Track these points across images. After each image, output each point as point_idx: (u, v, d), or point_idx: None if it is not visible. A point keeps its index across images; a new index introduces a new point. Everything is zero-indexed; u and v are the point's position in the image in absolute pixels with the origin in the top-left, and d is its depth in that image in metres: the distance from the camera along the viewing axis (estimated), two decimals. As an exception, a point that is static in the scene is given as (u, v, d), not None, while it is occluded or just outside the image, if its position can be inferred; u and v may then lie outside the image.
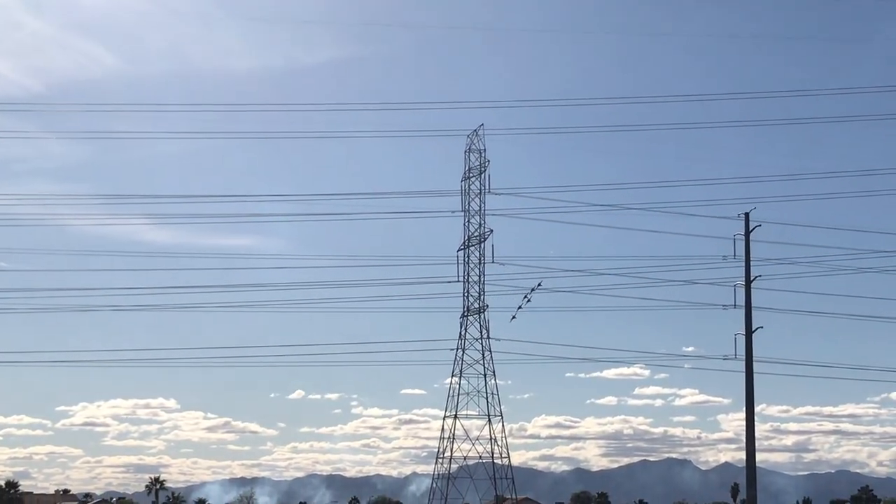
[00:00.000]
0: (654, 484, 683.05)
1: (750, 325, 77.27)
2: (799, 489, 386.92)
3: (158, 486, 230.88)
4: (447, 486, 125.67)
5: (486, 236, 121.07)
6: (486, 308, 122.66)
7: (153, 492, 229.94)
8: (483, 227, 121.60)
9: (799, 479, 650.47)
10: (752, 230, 79.17)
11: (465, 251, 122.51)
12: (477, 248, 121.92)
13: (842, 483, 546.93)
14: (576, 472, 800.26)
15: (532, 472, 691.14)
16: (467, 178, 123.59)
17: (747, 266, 78.49)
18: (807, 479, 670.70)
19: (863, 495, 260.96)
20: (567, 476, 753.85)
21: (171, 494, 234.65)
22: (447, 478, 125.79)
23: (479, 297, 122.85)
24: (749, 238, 79.02)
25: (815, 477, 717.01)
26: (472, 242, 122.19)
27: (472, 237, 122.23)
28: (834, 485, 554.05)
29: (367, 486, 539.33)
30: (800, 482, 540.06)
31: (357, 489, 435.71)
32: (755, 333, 77.19)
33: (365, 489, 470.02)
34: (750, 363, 76.90)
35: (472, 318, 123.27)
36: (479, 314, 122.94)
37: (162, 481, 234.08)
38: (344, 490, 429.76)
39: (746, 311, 77.62)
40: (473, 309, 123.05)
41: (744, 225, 79.41)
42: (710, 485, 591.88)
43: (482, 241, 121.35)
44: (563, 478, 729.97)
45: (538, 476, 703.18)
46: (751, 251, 78.78)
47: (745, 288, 78.05)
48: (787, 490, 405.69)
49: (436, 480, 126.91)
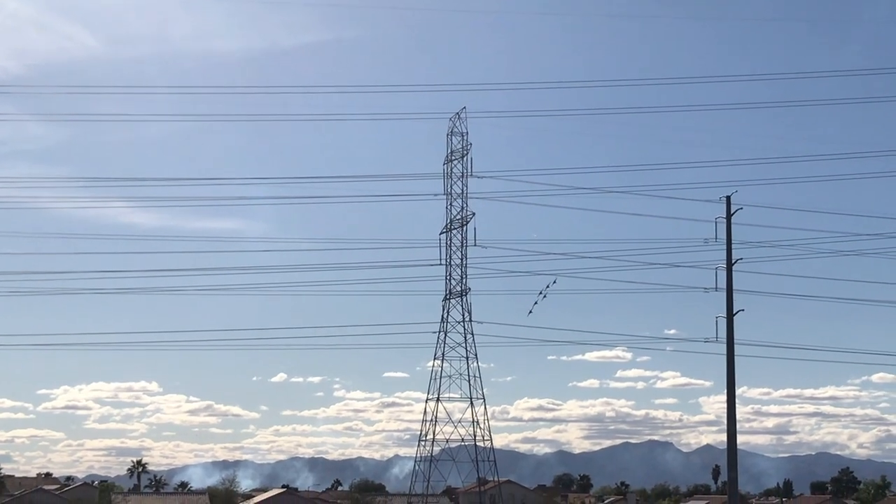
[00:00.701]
0: (636, 466, 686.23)
1: (731, 307, 77.50)
2: (780, 471, 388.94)
3: (140, 470, 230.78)
4: (429, 469, 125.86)
5: (469, 219, 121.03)
6: (468, 291, 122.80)
7: (135, 475, 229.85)
8: (465, 210, 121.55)
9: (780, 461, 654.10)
10: (733, 213, 79.32)
11: (448, 234, 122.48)
12: (459, 231, 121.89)
13: (822, 465, 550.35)
14: (558, 454, 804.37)
15: (515, 455, 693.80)
16: (449, 160, 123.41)
17: (728, 249, 78.67)
18: (787, 461, 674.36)
19: (843, 477, 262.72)
20: (549, 458, 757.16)
21: (153, 477, 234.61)
22: (429, 460, 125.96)
23: (461, 280, 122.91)
24: (730, 221, 79.17)
25: (796, 459, 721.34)
26: (455, 225, 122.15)
27: (454, 220, 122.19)
28: (815, 466, 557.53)
29: (349, 469, 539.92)
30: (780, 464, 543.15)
31: (339, 472, 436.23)
32: (736, 316, 77.43)
33: (348, 472, 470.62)
34: (731, 346, 77.16)
35: (454, 301, 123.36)
36: (461, 297, 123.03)
37: (144, 464, 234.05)
38: (326, 473, 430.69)
39: (728, 294, 77.84)
40: (456, 292, 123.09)
41: (725, 208, 79.58)
42: (691, 467, 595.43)
43: (464, 224, 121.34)
44: (546, 460, 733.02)
45: (521, 458, 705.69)
46: (732, 234, 78.97)
47: (726, 271, 78.27)
48: (769, 472, 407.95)
49: (418, 463, 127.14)
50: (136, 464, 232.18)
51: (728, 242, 78.72)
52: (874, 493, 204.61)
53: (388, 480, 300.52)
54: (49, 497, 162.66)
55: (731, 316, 77.59)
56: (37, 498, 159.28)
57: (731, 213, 79.16)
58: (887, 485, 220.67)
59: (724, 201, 79.70)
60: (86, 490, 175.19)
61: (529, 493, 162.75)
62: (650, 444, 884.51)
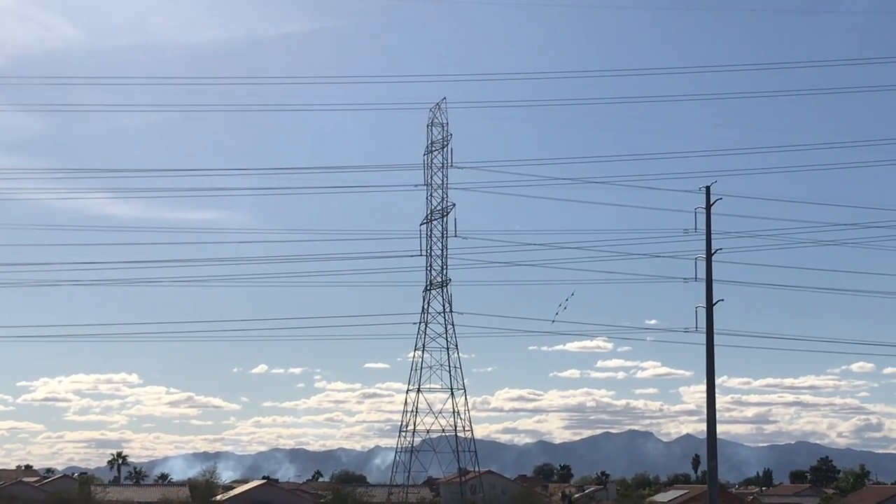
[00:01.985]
0: (617, 456, 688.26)
1: (710, 297, 77.71)
2: (761, 460, 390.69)
3: (121, 461, 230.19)
4: (410, 460, 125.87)
5: (449, 210, 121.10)
6: (448, 282, 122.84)
7: (115, 467, 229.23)
8: (446, 201, 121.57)
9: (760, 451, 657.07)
10: (713, 203, 79.51)
11: (428, 225, 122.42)
12: (440, 221, 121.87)
13: (801, 454, 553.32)
14: (539, 444, 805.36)
15: (495, 445, 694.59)
16: (430, 151, 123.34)
17: (708, 239, 78.86)
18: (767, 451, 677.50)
19: (822, 466, 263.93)
20: (530, 448, 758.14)
21: (133, 469, 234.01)
22: (410, 451, 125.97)
23: (441, 271, 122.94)
24: (710, 211, 79.38)
25: (776, 448, 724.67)
26: (435, 216, 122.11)
27: (434, 211, 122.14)
28: (794, 456, 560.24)
29: (331, 460, 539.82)
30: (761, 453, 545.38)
31: (321, 463, 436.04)
32: (716, 306, 77.66)
33: (329, 463, 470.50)
34: (710, 336, 77.39)
35: (434, 291, 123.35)
36: (441, 288, 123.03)
37: (124, 456, 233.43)
38: (307, 464, 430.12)
39: (707, 284, 78.05)
40: (436, 283, 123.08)
41: (705, 198, 79.75)
42: (672, 456, 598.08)
43: (445, 215, 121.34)
44: (527, 450, 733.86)
45: (501, 449, 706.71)
46: (712, 224, 79.17)
47: (705, 261, 78.47)
48: (750, 461, 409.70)
49: (399, 454, 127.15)
50: (116, 456, 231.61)
51: (708, 232, 78.88)
52: (853, 482, 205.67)
53: (369, 471, 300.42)
54: (29, 489, 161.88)
55: (710, 306, 77.79)
56: (16, 490, 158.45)
57: (710, 204, 79.31)
58: (866, 474, 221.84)
59: (704, 191, 79.87)
60: (66, 482, 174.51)
61: (510, 484, 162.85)
62: (631, 434, 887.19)
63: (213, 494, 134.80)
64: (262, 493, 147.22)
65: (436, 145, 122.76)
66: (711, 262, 78.08)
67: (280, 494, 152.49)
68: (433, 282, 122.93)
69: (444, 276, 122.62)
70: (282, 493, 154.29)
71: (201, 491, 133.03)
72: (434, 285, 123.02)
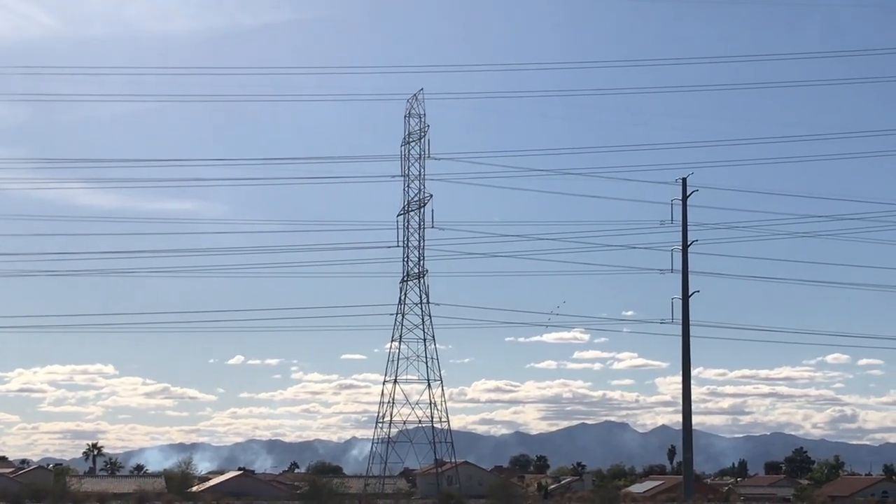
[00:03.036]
0: (594, 447, 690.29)
1: (686, 289, 78.00)
2: (737, 451, 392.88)
3: (96, 453, 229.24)
4: (387, 451, 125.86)
5: (426, 201, 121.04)
6: (425, 273, 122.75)
7: (91, 458, 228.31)
8: (423, 192, 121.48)
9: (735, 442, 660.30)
10: (689, 195, 79.77)
11: (405, 216, 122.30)
12: (417, 212, 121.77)
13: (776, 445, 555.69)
14: (515, 435, 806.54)
15: (472, 437, 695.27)
16: (407, 142, 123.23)
17: (684, 231, 79.16)
18: (743, 442, 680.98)
19: (797, 457, 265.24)
20: (507, 439, 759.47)
21: (108, 460, 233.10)
22: (387, 442, 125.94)
23: (418, 263, 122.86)
24: (686, 203, 79.65)
25: (751, 439, 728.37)
26: (412, 207, 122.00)
27: (411, 202, 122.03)
28: (769, 447, 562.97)
29: (308, 451, 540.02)
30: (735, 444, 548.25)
31: (298, 454, 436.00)
32: (692, 297, 77.97)
33: (307, 454, 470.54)
34: (686, 327, 77.69)
35: (411, 283, 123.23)
36: (418, 279, 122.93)
37: (100, 447, 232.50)
38: (285, 455, 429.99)
39: (683, 276, 78.32)
40: (413, 274, 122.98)
41: (681, 190, 79.98)
42: (648, 447, 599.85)
43: (422, 206, 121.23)
44: (503, 441, 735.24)
45: (478, 440, 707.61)
46: (688, 216, 79.40)
47: (682, 252, 78.72)
48: (727, 452, 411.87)
49: (375, 445, 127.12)
50: (91, 447, 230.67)
51: (684, 224, 79.15)
52: (827, 472, 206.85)
53: (347, 462, 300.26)
54: (3, 480, 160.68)
55: (686, 297, 78.04)
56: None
57: (686, 195, 79.52)
58: (840, 465, 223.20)
59: (681, 183, 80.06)
60: (41, 473, 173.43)
61: (486, 475, 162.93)
62: (607, 425, 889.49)
63: (189, 486, 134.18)
64: (238, 485, 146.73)
65: (413, 136, 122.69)
66: (687, 254, 78.34)
67: (256, 485, 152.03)
68: (410, 273, 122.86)
69: (421, 267, 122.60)
70: (258, 485, 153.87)
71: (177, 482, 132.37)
72: (411, 276, 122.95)
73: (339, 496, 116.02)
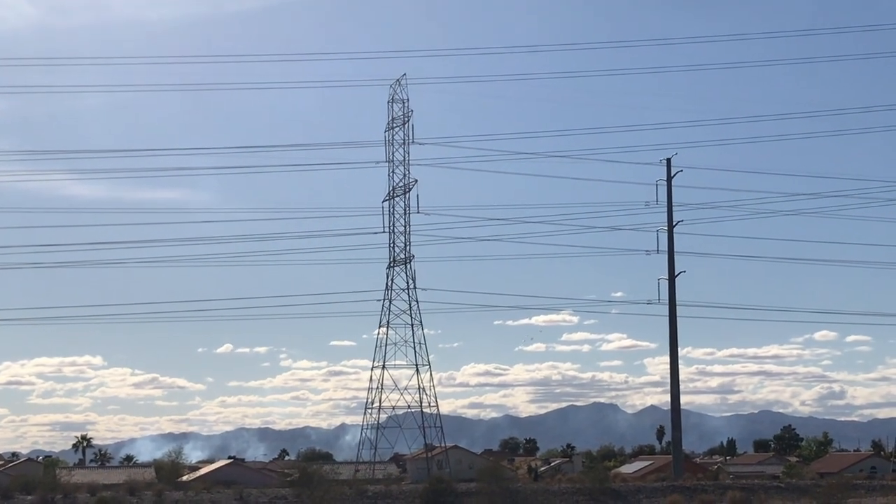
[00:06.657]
0: (584, 428, 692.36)
1: (673, 269, 78.10)
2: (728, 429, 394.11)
3: (86, 444, 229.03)
4: (377, 437, 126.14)
5: (412, 186, 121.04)
6: (412, 258, 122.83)
7: (80, 449, 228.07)
8: (408, 178, 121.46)
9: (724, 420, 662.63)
10: (673, 176, 79.83)
11: (391, 202, 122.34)
12: (402, 198, 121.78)
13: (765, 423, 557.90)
14: (505, 418, 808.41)
15: (461, 421, 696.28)
16: (391, 128, 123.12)
17: (669, 211, 79.22)
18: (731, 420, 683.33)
19: (785, 434, 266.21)
20: (497, 423, 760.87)
21: (98, 452, 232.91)
22: (377, 428, 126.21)
23: (405, 248, 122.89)
24: (671, 183, 79.71)
25: (740, 417, 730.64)
26: (398, 193, 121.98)
27: (396, 188, 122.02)
28: (757, 425, 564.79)
29: (300, 438, 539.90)
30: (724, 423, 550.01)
31: (289, 442, 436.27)
32: (678, 278, 78.06)
33: (298, 441, 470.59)
34: (673, 307, 77.82)
35: (398, 268, 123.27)
36: (405, 264, 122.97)
37: (89, 439, 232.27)
38: (276, 443, 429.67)
39: (669, 256, 78.42)
40: (400, 259, 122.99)
41: (665, 171, 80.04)
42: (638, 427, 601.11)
43: (407, 192, 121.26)
44: (493, 425, 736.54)
45: (468, 424, 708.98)
46: (673, 196, 79.44)
47: (667, 233, 78.82)
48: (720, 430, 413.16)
49: (365, 431, 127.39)
50: (80, 438, 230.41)
51: (669, 205, 79.18)
52: (816, 449, 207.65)
53: (339, 449, 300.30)
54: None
55: (672, 277, 78.12)
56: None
57: (671, 176, 79.53)
58: (829, 441, 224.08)
59: (665, 164, 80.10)
60: (30, 466, 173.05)
61: (477, 458, 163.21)
62: (596, 406, 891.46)
63: (179, 475, 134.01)
64: (228, 473, 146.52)
65: (397, 121, 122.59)
66: (673, 234, 78.41)
67: (247, 474, 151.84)
68: (397, 258, 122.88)
69: (408, 252, 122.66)
70: (248, 473, 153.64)
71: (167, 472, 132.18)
72: (398, 262, 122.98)
73: (329, 482, 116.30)
